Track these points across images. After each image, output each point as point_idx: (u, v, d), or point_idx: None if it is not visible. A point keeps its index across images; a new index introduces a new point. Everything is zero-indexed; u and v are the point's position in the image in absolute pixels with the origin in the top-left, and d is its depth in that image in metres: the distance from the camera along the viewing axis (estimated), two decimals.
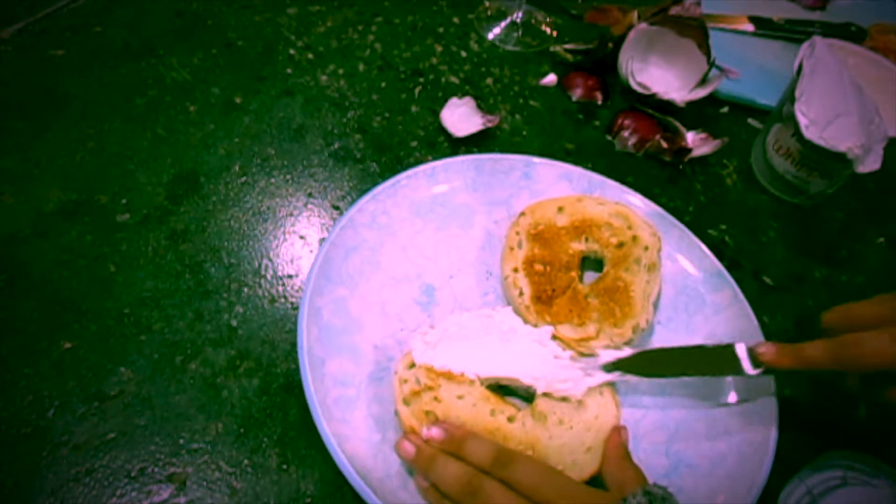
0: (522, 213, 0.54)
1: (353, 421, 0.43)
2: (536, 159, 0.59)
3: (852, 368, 0.42)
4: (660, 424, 0.47)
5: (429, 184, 0.56)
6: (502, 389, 0.46)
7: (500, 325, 0.47)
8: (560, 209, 0.54)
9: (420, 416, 0.43)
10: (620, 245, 0.52)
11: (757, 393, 0.47)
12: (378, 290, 0.50)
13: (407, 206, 0.54)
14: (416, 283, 0.51)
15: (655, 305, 0.51)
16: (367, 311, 0.49)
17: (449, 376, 0.44)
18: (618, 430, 0.43)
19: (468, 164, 0.57)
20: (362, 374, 0.46)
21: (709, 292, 0.53)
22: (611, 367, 0.46)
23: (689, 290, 0.54)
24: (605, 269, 0.52)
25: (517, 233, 0.53)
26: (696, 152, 0.64)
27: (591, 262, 0.54)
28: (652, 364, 0.46)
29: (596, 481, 0.42)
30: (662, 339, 0.51)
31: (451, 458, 0.41)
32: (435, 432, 0.41)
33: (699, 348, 0.47)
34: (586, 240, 0.53)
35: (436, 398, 0.43)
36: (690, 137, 0.65)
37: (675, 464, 0.45)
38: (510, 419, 0.43)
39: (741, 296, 0.52)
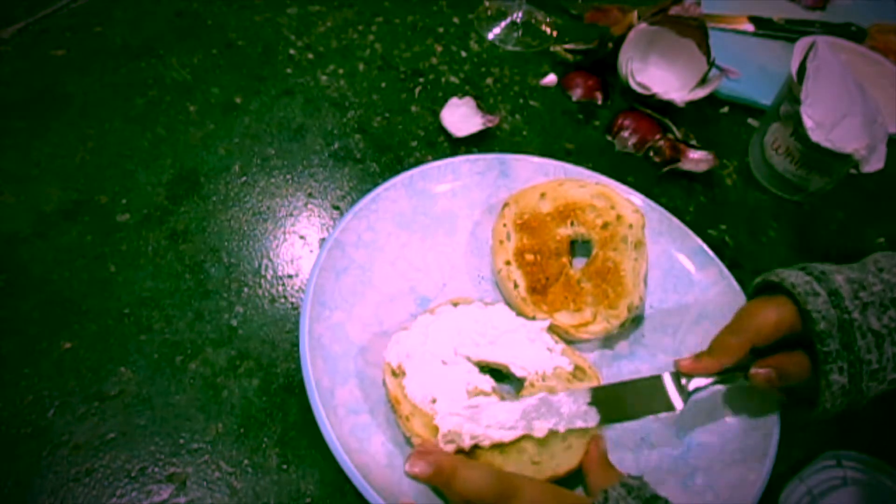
0: (506, 204, 0.54)
1: (370, 449, 0.43)
2: (511, 156, 0.59)
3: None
4: None
5: (408, 193, 0.55)
6: (494, 374, 0.46)
7: (492, 319, 0.47)
8: (542, 195, 0.55)
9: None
10: (606, 225, 0.53)
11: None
12: (374, 310, 0.49)
13: (390, 219, 0.54)
14: (410, 297, 0.51)
15: (644, 283, 0.52)
16: (366, 333, 0.48)
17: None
18: (595, 441, 0.43)
19: (444, 168, 0.57)
20: (372, 399, 0.45)
21: (695, 271, 0.54)
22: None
23: (675, 270, 0.55)
24: (593, 252, 0.53)
25: (504, 225, 0.53)
26: (688, 166, 0.63)
27: (579, 246, 0.55)
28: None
29: (571, 478, 0.42)
30: (658, 322, 0.52)
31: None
32: (420, 468, 0.38)
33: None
34: (572, 224, 0.53)
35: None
36: (694, 154, 0.64)
37: (687, 444, 0.46)
38: None
39: (726, 271, 0.53)
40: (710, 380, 0.44)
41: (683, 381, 0.44)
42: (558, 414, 0.43)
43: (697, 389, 0.44)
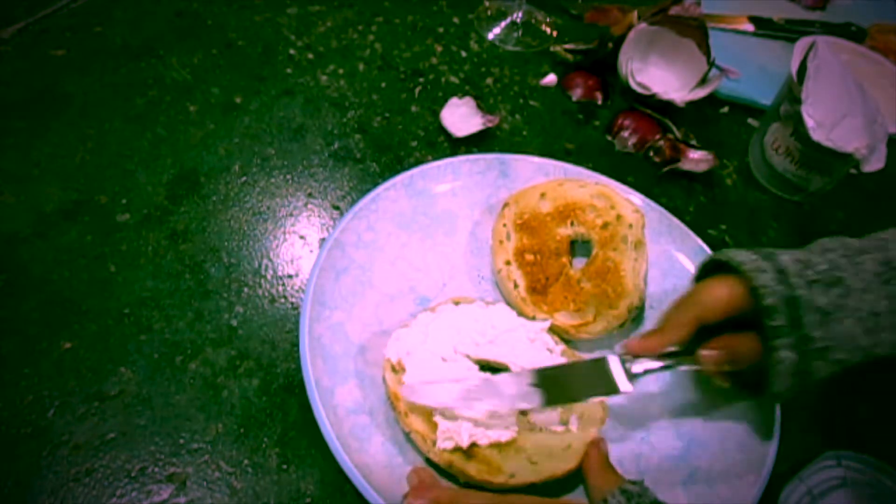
0: (506, 204, 0.54)
1: (370, 449, 0.43)
2: (510, 156, 0.59)
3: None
4: (667, 406, 0.48)
5: (408, 193, 0.55)
6: (494, 373, 0.46)
7: (493, 319, 0.47)
8: (543, 195, 0.55)
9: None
10: (606, 225, 0.53)
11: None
12: (374, 310, 0.49)
13: (390, 219, 0.54)
14: (409, 297, 0.51)
15: (644, 283, 0.52)
16: (366, 332, 0.48)
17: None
18: (596, 444, 0.43)
19: (444, 168, 0.57)
20: (371, 399, 0.45)
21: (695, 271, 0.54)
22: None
23: (675, 270, 0.55)
24: (593, 252, 0.53)
25: (504, 225, 0.53)
26: (688, 166, 0.63)
27: (579, 246, 0.55)
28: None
29: (571, 478, 0.42)
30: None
31: None
32: None
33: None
34: (572, 224, 0.54)
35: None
36: (694, 154, 0.64)
37: (687, 444, 0.46)
38: None
39: None
40: (656, 363, 0.44)
41: (628, 363, 0.44)
42: (500, 394, 0.42)
43: (646, 372, 0.43)
